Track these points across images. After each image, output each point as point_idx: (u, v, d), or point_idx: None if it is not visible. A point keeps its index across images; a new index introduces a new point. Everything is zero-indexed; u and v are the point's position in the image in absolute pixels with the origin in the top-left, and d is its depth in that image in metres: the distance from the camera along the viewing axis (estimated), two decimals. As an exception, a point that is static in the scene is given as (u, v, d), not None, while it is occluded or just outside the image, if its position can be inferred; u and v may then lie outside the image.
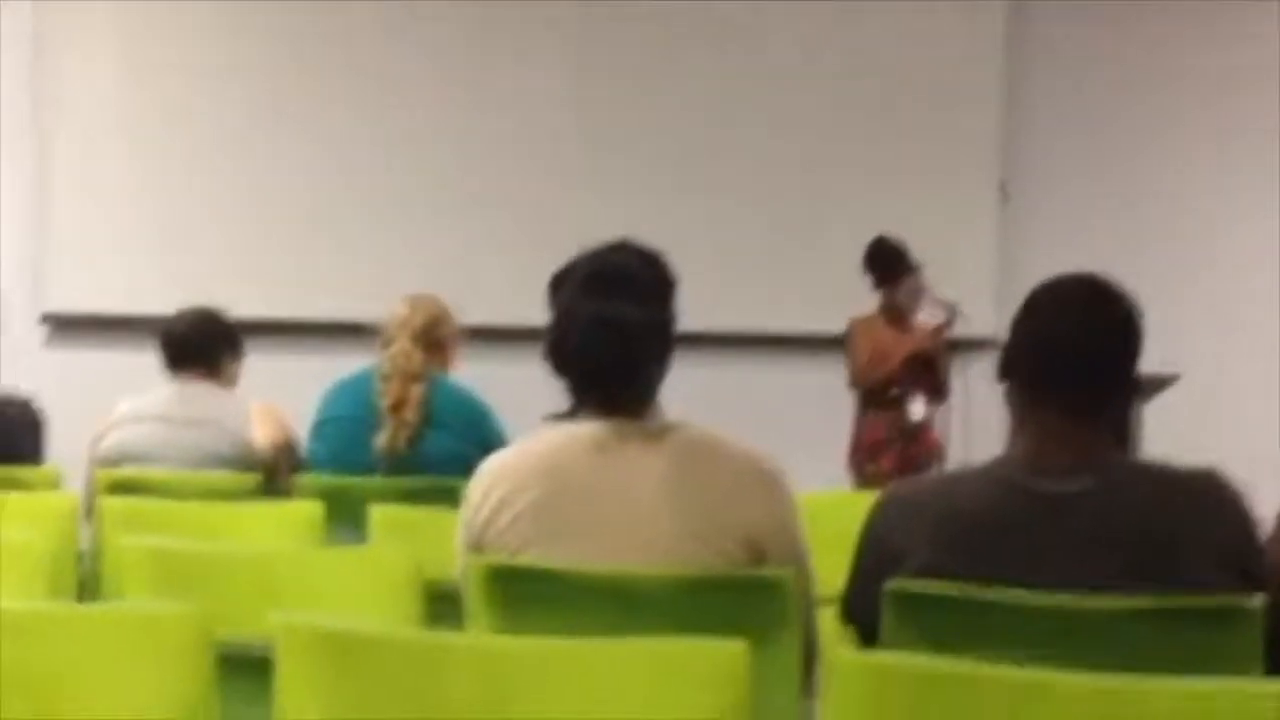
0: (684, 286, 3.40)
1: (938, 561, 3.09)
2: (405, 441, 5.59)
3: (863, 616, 3.20)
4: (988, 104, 10.20)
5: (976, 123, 10.18)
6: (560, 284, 3.36)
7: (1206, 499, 3.12)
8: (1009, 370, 3.24)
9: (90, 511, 5.21)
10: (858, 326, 8.48)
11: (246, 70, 9.61)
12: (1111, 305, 3.25)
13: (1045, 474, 3.11)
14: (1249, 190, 10.47)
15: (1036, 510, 3.08)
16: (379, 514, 4.56)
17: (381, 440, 5.59)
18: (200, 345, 5.96)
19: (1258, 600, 2.97)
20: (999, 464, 3.19)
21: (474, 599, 3.19)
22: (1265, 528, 3.28)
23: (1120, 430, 3.30)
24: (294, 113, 9.64)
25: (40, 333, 9.49)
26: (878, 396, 8.43)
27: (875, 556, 3.21)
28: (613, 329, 3.24)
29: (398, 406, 5.61)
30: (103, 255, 9.40)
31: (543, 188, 9.73)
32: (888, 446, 8.36)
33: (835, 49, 10.01)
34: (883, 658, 2.76)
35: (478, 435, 5.48)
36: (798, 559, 3.24)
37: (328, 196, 9.63)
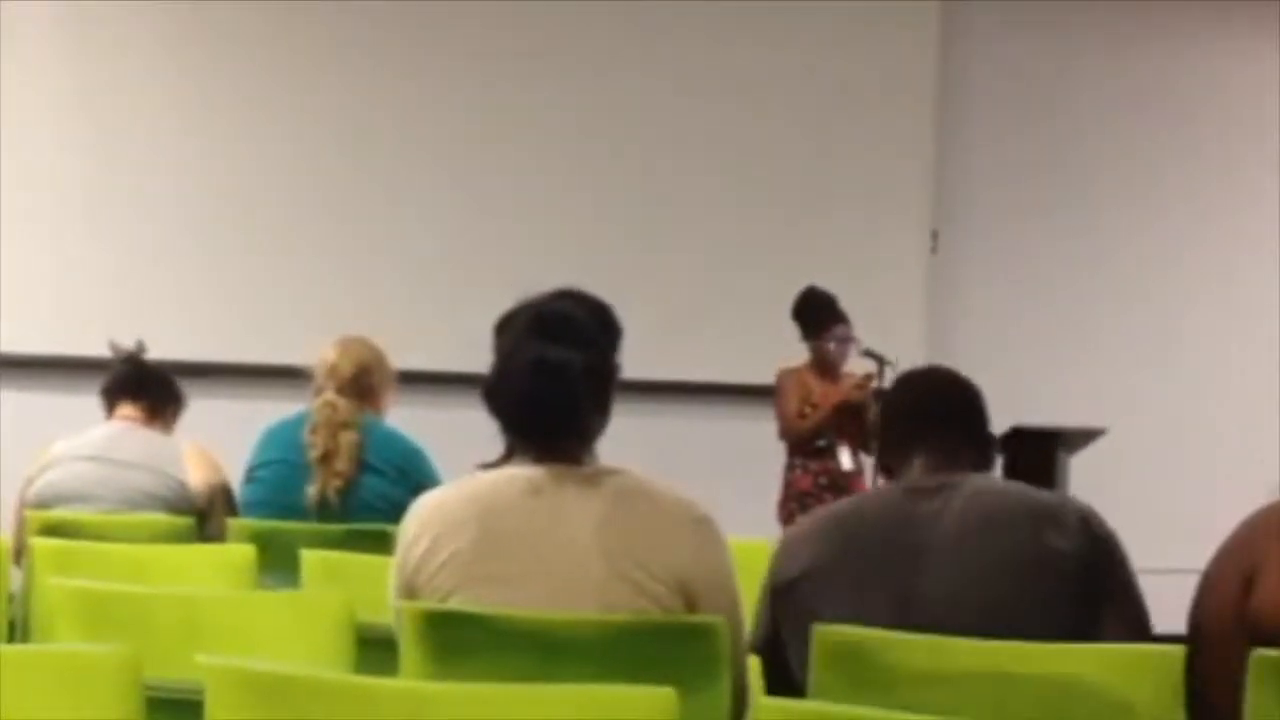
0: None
1: (818, 558, 3.40)
2: (335, 492, 5.54)
3: (762, 647, 3.43)
4: (919, 154, 10.27)
5: (908, 173, 10.24)
6: (505, 327, 3.38)
7: (1066, 517, 3.34)
8: (886, 456, 3.64)
9: (21, 553, 5.19)
10: (787, 377, 8.51)
11: (187, 115, 9.60)
12: (951, 378, 3.69)
13: (921, 483, 3.45)
14: (1179, 242, 10.57)
15: (911, 503, 3.39)
16: (311, 558, 4.56)
17: (312, 492, 5.56)
18: (140, 390, 5.96)
19: (1178, 649, 3.02)
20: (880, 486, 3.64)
21: (406, 643, 3.20)
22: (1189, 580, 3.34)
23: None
24: (233, 156, 9.62)
25: (-25, 374, 9.44)
26: (807, 446, 8.46)
27: (770, 582, 3.49)
28: (552, 372, 3.25)
29: (326, 458, 5.56)
30: (39, 297, 9.35)
31: (481, 236, 9.75)
32: (817, 496, 8.39)
33: (766, 98, 10.06)
34: (806, 706, 2.78)
35: (412, 479, 5.45)
36: (729, 605, 3.25)
37: (267, 241, 9.62)
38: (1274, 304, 10.30)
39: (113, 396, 5.98)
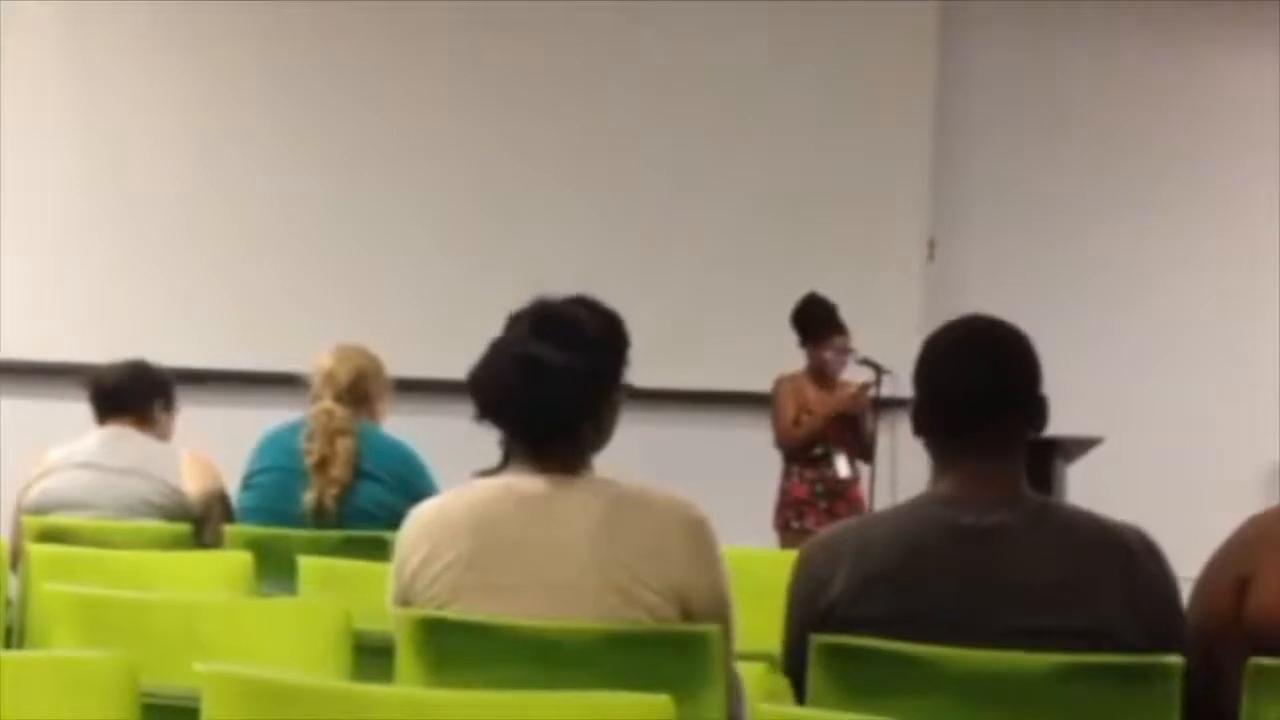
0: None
1: (854, 592, 3.15)
2: (332, 499, 5.52)
3: (795, 668, 3.23)
4: (917, 159, 10.26)
5: (905, 180, 10.23)
6: (513, 322, 3.39)
7: (1125, 547, 3.16)
8: (922, 426, 3.31)
9: (18, 559, 5.19)
10: (784, 384, 8.49)
11: (186, 123, 9.60)
12: (1000, 338, 3.36)
13: (964, 508, 3.17)
14: (1175, 248, 10.57)
15: (954, 541, 3.14)
16: (308, 565, 4.55)
17: (308, 499, 5.55)
18: (131, 395, 5.94)
19: (1176, 659, 3.02)
20: (919, 500, 3.26)
21: (403, 650, 3.20)
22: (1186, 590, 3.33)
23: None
24: (231, 164, 9.63)
25: (-28, 380, 9.44)
26: (803, 454, 8.45)
27: (799, 604, 3.27)
28: (534, 370, 3.26)
29: (323, 464, 5.54)
30: (37, 303, 9.34)
31: (481, 241, 9.75)
32: (813, 504, 8.38)
33: (764, 108, 10.06)
34: (802, 713, 2.78)
35: (408, 486, 5.44)
36: (724, 611, 3.26)
37: (266, 245, 9.62)
38: (1274, 308, 10.29)
39: (104, 403, 5.95)
